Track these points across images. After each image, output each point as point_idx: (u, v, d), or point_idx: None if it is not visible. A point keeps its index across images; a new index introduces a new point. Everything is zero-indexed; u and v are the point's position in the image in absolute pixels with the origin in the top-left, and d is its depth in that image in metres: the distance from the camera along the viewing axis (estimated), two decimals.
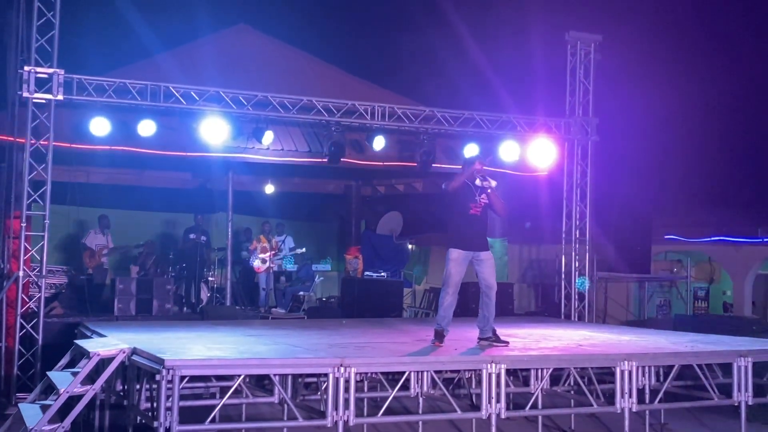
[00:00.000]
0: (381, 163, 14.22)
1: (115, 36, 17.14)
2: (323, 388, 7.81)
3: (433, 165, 13.76)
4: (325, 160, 13.23)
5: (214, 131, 12.14)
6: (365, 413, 9.10)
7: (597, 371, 8.78)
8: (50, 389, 8.21)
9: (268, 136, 12.73)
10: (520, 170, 14.45)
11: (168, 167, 15.51)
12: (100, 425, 8.67)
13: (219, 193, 16.25)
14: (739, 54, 20.97)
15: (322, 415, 7.28)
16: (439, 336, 8.58)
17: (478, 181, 8.70)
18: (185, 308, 14.71)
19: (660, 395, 8.83)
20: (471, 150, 13.41)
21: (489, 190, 8.65)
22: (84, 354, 7.89)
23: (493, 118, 13.67)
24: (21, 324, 10.94)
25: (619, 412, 8.22)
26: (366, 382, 9.45)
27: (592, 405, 8.53)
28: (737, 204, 19.00)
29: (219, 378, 8.56)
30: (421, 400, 8.89)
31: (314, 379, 9.16)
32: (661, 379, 9.33)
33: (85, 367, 7.39)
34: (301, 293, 15.96)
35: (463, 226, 8.60)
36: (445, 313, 8.62)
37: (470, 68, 19.40)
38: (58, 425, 7.23)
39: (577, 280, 13.94)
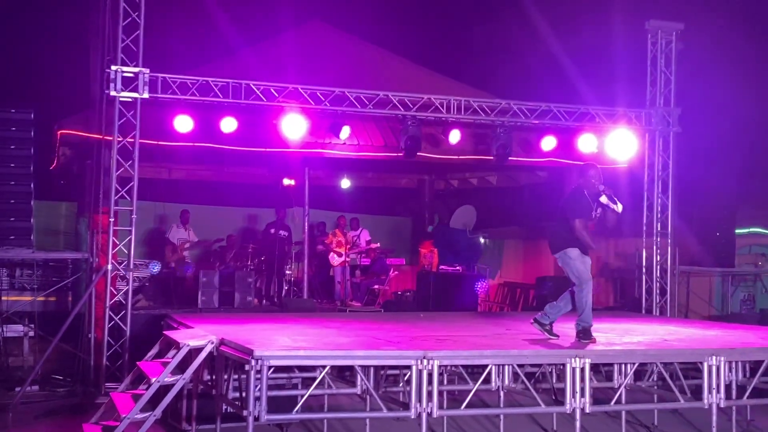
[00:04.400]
0: (457, 157, 14.21)
1: (198, 34, 17.53)
2: (405, 379, 7.88)
3: (510, 158, 13.67)
4: (401, 154, 13.27)
5: (293, 127, 12.31)
6: (445, 406, 9.11)
7: (682, 366, 8.61)
8: (140, 379, 8.47)
9: (345, 131, 12.85)
10: (598, 163, 14.18)
11: (247, 163, 15.79)
12: (188, 414, 8.90)
13: (295, 187, 16.49)
14: None
15: (405, 406, 7.34)
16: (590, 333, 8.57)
17: (603, 198, 8.58)
18: (264, 301, 14.98)
19: (748, 391, 8.60)
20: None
21: (607, 206, 8.58)
22: (173, 345, 8.11)
23: (570, 110, 13.49)
24: (109, 316, 11.30)
25: (706, 407, 8.05)
26: (446, 375, 9.47)
27: (678, 400, 8.37)
28: None
29: (301, 369, 8.70)
30: (501, 393, 8.86)
31: (395, 372, 9.22)
32: (748, 374, 9.10)
33: (175, 357, 7.60)
34: (376, 287, 16.09)
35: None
36: (591, 311, 8.58)
37: (547, 59, 19.18)
38: (150, 413, 7.45)
39: None
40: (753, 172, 17.08)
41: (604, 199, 8.56)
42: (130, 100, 11.39)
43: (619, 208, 8.59)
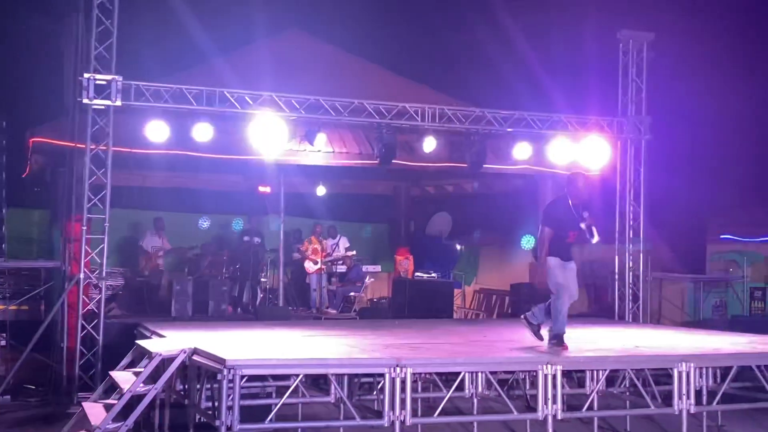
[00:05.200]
0: (432, 165, 14.27)
1: (172, 42, 17.47)
2: (379, 388, 7.90)
3: (484, 165, 13.75)
4: (376, 161, 13.31)
5: (268, 134, 12.30)
6: (419, 414, 9.14)
7: (653, 372, 8.71)
8: (112, 389, 8.43)
9: (320, 139, 12.87)
10: (571, 170, 14.32)
11: (222, 170, 15.74)
12: (160, 424, 8.85)
13: (271, 195, 16.46)
14: None
15: (379, 415, 7.36)
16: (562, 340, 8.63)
17: (586, 214, 8.65)
18: (239, 309, 14.93)
19: (718, 397, 8.71)
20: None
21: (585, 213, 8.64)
22: (145, 354, 8.08)
23: (544, 118, 13.59)
24: (82, 325, 11.21)
25: (676, 413, 8.15)
26: (419, 383, 9.50)
27: (649, 407, 8.46)
28: None
29: (275, 378, 8.69)
30: (475, 400, 8.91)
31: (369, 380, 9.23)
32: (719, 380, 9.21)
33: (147, 367, 7.57)
34: (352, 294, 16.10)
35: (560, 238, 8.57)
36: (565, 318, 8.65)
37: (521, 68, 19.31)
38: (121, 424, 7.41)
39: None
40: (724, 180, 17.30)
41: (583, 225, 8.61)
42: (103, 107, 11.34)
43: (594, 240, 8.65)
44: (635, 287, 14.02)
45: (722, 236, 16.96)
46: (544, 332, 8.88)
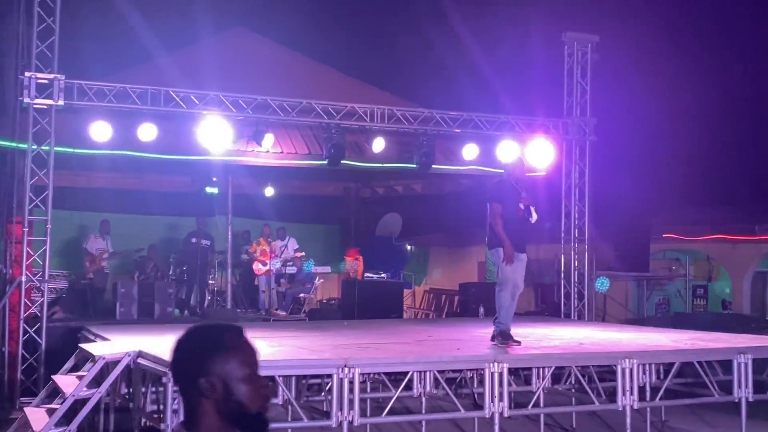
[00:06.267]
0: (381, 165, 14.28)
1: (115, 40, 17.18)
2: (327, 388, 7.88)
3: (433, 166, 13.82)
4: (325, 162, 13.28)
5: (215, 135, 12.18)
6: (368, 414, 9.15)
7: (598, 369, 8.85)
8: (55, 393, 8.27)
9: (268, 139, 12.79)
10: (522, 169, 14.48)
11: (168, 171, 15.55)
12: (105, 428, 8.71)
13: (218, 196, 16.30)
14: (735, 52, 21.06)
15: (327, 415, 7.35)
16: (510, 336, 8.63)
17: (523, 194, 8.77)
18: (186, 311, 14.76)
19: (661, 393, 8.89)
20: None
21: (530, 203, 8.75)
22: (89, 358, 7.95)
23: (491, 119, 13.73)
24: (24, 328, 10.97)
25: (620, 409, 8.29)
26: (369, 383, 9.51)
27: (593, 403, 8.60)
28: (735, 202, 19.08)
29: None
30: (424, 400, 8.94)
31: (318, 381, 9.21)
32: (662, 376, 9.39)
33: (90, 371, 7.45)
34: (302, 295, 16.03)
35: (510, 226, 8.63)
36: (510, 312, 8.65)
37: (469, 69, 19.48)
38: (64, 428, 7.29)
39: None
40: (667, 180, 17.68)
41: (522, 205, 8.75)
42: (44, 107, 11.11)
43: (533, 218, 8.78)
44: (580, 286, 14.23)
45: (665, 235, 17.34)
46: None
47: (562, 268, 14.34)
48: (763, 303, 18.19)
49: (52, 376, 8.37)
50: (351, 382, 7.16)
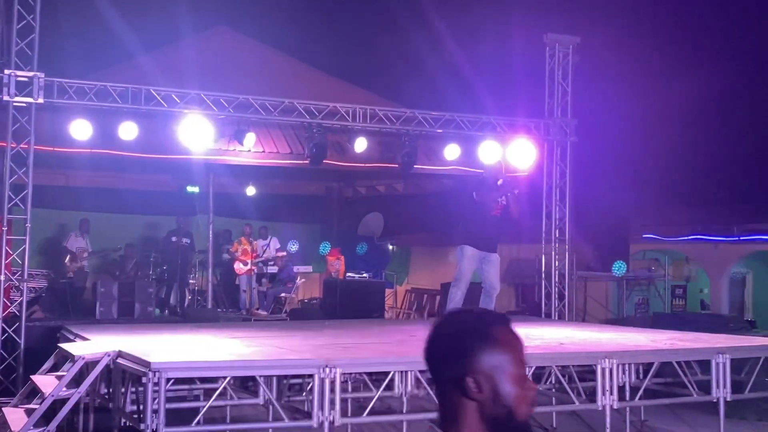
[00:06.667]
0: (363, 165, 14.30)
1: (96, 38, 17.08)
2: (308, 389, 7.86)
3: (415, 166, 13.84)
4: (307, 161, 13.26)
5: (196, 134, 12.13)
6: (349, 413, 9.15)
7: (578, 369, 8.89)
8: (34, 393, 8.21)
9: (250, 139, 12.75)
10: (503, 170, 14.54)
11: (149, 170, 15.49)
12: (84, 428, 8.66)
13: (199, 195, 16.26)
14: (715, 54, 21.24)
15: (308, 415, 7.33)
16: None
17: (500, 181, 8.84)
18: (166, 311, 14.69)
19: (640, 392, 8.95)
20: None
21: (509, 194, 8.79)
22: (68, 357, 7.89)
23: (473, 120, 13.76)
24: (2, 328, 10.88)
25: (600, 409, 8.33)
26: (350, 383, 9.50)
27: (573, 403, 8.63)
28: (714, 203, 19.25)
29: (203, 380, 8.58)
30: (405, 399, 8.95)
31: (299, 381, 9.19)
32: (641, 376, 9.44)
33: (70, 371, 7.40)
34: (283, 295, 16.01)
35: (480, 226, 8.68)
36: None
37: (451, 70, 19.53)
38: (43, 429, 7.23)
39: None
40: (646, 181, 17.81)
41: (500, 181, 8.90)
42: (24, 105, 11.02)
43: (513, 211, 8.89)
44: (561, 286, 14.30)
45: (644, 236, 17.47)
46: None
47: (543, 268, 14.41)
48: (741, 303, 18.38)
49: (31, 376, 8.31)
50: (332, 382, 7.15)
